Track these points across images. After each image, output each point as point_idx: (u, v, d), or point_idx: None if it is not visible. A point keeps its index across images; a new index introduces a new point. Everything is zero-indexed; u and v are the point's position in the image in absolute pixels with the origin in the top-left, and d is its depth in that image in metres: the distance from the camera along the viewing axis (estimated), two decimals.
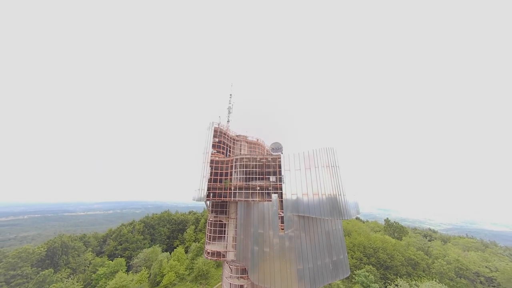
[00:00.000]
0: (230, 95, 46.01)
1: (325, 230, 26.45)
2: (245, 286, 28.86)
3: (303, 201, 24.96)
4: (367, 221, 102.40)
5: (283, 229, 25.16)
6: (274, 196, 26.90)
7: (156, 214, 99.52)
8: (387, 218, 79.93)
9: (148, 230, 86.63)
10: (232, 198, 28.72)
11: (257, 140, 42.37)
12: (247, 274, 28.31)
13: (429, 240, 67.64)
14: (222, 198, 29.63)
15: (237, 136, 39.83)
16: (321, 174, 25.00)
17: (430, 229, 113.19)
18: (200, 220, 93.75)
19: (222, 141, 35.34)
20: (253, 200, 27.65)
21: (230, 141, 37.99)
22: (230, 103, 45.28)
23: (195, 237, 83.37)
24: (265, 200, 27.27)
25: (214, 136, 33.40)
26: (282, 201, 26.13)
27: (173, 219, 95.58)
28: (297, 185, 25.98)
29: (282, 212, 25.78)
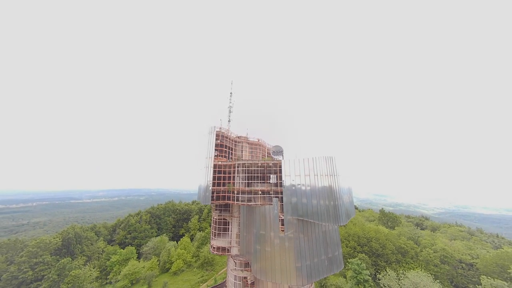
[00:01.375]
0: (231, 93, 45.63)
1: (322, 231, 28.65)
2: (248, 278, 32.01)
3: (302, 205, 26.69)
4: (363, 210, 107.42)
5: (283, 230, 27.27)
6: (275, 200, 28.62)
7: (161, 204, 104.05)
8: (382, 208, 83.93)
9: (154, 220, 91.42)
10: (236, 202, 30.51)
11: (258, 140, 43.21)
12: (250, 267, 31.25)
13: (421, 229, 72.00)
14: (226, 201, 31.44)
15: (238, 137, 40.57)
16: (320, 181, 26.43)
17: (422, 216, 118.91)
18: (203, 210, 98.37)
19: (223, 144, 36.22)
20: (255, 204, 29.43)
21: (232, 143, 38.83)
22: (230, 102, 45.08)
23: (199, 226, 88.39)
24: (267, 204, 29.05)
25: (216, 140, 34.25)
26: (282, 204, 27.90)
27: (177, 209, 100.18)
28: (296, 190, 27.51)
29: (283, 215, 27.68)
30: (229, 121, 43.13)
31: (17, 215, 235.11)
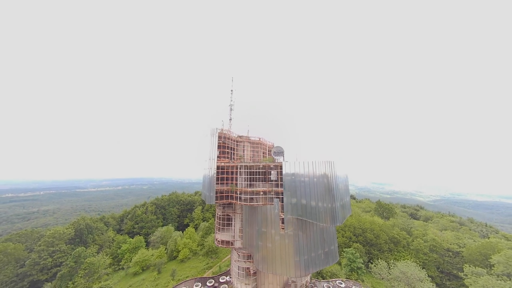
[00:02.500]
0: (231, 90, 45.54)
1: (319, 228, 30.81)
2: (251, 268, 35.03)
3: (301, 206, 28.48)
4: (361, 200, 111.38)
5: (283, 228, 29.39)
6: (276, 200, 30.39)
7: (165, 195, 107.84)
8: (379, 200, 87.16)
9: (159, 210, 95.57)
10: (238, 202, 32.34)
11: (259, 139, 44.13)
12: (252, 259, 34.06)
13: (414, 219, 75.56)
14: (229, 200, 33.30)
15: (239, 137, 41.45)
16: (318, 184, 27.92)
17: (417, 205, 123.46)
18: None
19: (226, 145, 37.24)
20: (257, 204, 31.27)
21: (233, 143, 39.81)
22: (231, 100, 45.13)
23: (203, 216, 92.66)
24: (268, 203, 30.87)
25: (218, 140, 35.26)
26: (283, 204, 29.70)
27: (181, 200, 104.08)
28: (296, 191, 29.12)
29: (283, 214, 29.62)
30: (230, 119, 43.61)
31: (27, 203, 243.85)
